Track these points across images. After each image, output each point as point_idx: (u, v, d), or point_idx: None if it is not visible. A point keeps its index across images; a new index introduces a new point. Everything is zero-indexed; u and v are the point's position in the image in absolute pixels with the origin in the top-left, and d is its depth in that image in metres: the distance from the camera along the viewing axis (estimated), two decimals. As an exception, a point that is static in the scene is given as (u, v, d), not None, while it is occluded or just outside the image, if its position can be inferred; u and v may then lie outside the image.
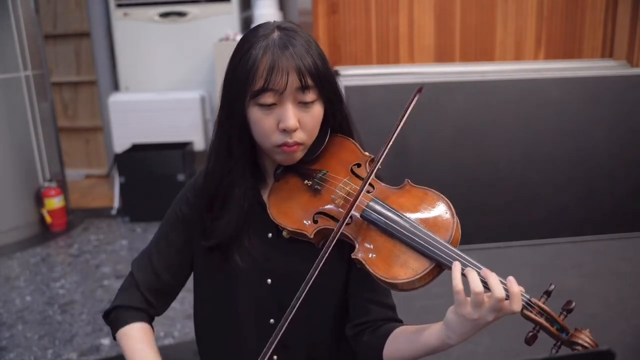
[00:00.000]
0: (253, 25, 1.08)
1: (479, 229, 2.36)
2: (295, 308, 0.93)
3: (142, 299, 1.14)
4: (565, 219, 2.49)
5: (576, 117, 2.47)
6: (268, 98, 0.99)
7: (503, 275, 0.90)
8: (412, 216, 0.97)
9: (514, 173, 2.49)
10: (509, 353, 1.52)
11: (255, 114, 1.01)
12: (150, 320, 1.16)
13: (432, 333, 0.95)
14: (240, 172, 1.07)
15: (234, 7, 4.29)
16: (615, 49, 2.93)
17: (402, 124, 1.00)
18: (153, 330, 1.15)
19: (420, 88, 1.01)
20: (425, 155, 2.37)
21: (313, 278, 0.93)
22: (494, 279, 0.86)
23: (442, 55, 3.04)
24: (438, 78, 2.53)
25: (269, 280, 1.11)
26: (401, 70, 2.82)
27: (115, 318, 1.14)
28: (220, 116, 1.07)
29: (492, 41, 3.03)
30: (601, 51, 3.00)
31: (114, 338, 1.14)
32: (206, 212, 1.10)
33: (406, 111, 1.00)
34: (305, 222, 1.03)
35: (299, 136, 1.02)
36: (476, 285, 0.86)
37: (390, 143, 1.00)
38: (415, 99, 1.00)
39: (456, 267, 0.88)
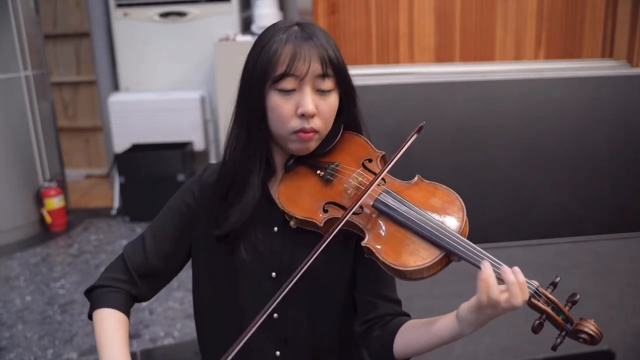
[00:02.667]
0: (253, 25, 1.10)
1: (479, 228, 2.35)
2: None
3: (127, 278, 1.14)
4: (565, 219, 2.49)
5: (576, 117, 2.47)
6: (288, 83, 1.02)
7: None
8: (423, 207, 0.99)
9: (514, 173, 2.48)
10: (509, 352, 1.52)
11: (275, 100, 1.04)
12: (130, 301, 1.16)
13: (445, 326, 0.96)
14: (258, 159, 1.09)
15: (234, 7, 4.29)
16: (615, 49, 2.93)
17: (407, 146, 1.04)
18: (128, 320, 1.14)
19: (421, 126, 1.06)
20: (425, 155, 2.36)
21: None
22: (515, 288, 0.87)
23: (442, 55, 3.03)
24: (438, 78, 2.53)
25: (274, 274, 1.11)
26: (401, 70, 2.82)
27: (95, 296, 1.13)
28: (239, 105, 1.09)
29: (492, 41, 3.02)
30: (601, 51, 3.00)
31: (89, 317, 1.13)
32: (221, 200, 1.11)
33: (407, 143, 1.04)
34: (315, 211, 1.04)
35: (316, 123, 1.05)
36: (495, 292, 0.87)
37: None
38: (414, 136, 1.05)
39: (487, 267, 0.89)
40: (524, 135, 2.47)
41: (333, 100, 1.07)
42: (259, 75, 1.03)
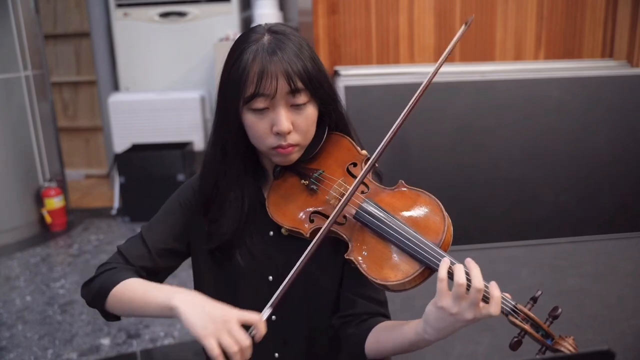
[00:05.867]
0: (253, 26, 1.08)
1: (479, 229, 2.36)
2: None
3: (131, 268, 1.09)
4: (565, 219, 2.49)
5: (576, 117, 2.47)
6: (260, 103, 1.00)
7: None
8: (404, 218, 0.98)
9: (514, 173, 2.49)
10: (509, 353, 1.52)
11: (249, 119, 1.02)
12: None
13: (410, 327, 0.96)
14: (234, 175, 1.08)
15: (234, 7, 4.29)
16: (615, 49, 2.93)
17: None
18: None
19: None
20: (425, 156, 2.37)
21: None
22: (476, 270, 0.87)
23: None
24: (438, 78, 2.52)
25: (270, 278, 1.12)
26: (401, 70, 2.82)
27: (103, 281, 1.05)
28: (216, 119, 1.08)
29: (492, 41, 3.02)
30: (601, 51, 3.00)
31: (102, 304, 1.05)
32: (204, 215, 1.11)
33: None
34: (301, 221, 1.05)
35: (294, 138, 1.03)
36: (460, 277, 0.86)
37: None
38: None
39: (444, 262, 0.89)
40: (524, 135, 2.47)
41: (310, 112, 1.04)
42: (232, 94, 1.01)
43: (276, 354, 1.14)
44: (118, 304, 1.04)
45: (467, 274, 0.87)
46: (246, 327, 0.91)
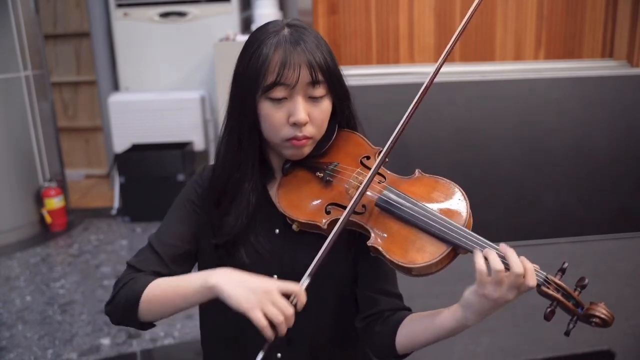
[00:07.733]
0: (253, 25, 1.09)
1: (480, 228, 2.35)
2: (319, 262, 0.95)
3: (151, 272, 1.09)
4: (566, 219, 2.49)
5: (576, 117, 2.47)
6: (279, 92, 1.01)
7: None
8: (426, 202, 0.99)
9: (514, 173, 2.48)
10: (509, 353, 1.52)
11: (266, 108, 1.03)
12: None
13: (448, 316, 0.96)
14: (250, 166, 1.08)
15: (234, 7, 4.29)
16: (615, 49, 2.93)
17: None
18: None
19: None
20: (425, 155, 2.36)
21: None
22: (513, 255, 0.89)
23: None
24: (438, 78, 2.52)
25: (275, 276, 1.11)
26: (401, 70, 2.82)
27: (126, 293, 1.04)
28: (230, 112, 1.09)
29: (492, 41, 3.02)
30: (601, 51, 3.00)
31: (134, 315, 1.03)
32: (214, 207, 1.10)
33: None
34: (317, 213, 1.04)
35: (309, 130, 1.04)
36: (497, 263, 0.88)
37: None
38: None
39: (478, 254, 0.90)
40: (524, 135, 2.47)
41: (325, 106, 1.05)
42: (250, 84, 1.02)
43: (279, 354, 1.13)
44: (152, 308, 1.03)
45: (502, 257, 0.88)
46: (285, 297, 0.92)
